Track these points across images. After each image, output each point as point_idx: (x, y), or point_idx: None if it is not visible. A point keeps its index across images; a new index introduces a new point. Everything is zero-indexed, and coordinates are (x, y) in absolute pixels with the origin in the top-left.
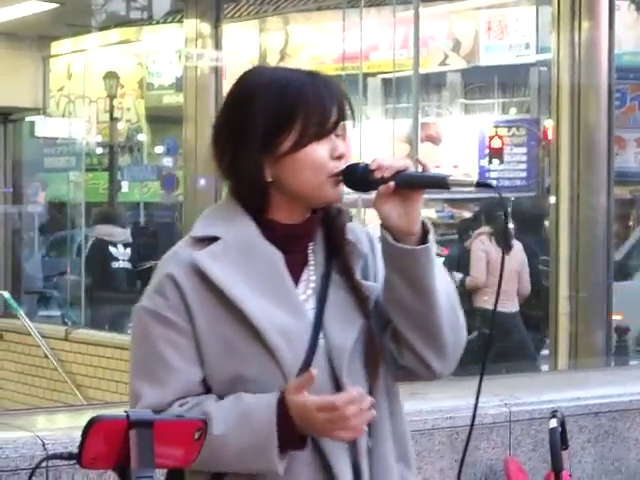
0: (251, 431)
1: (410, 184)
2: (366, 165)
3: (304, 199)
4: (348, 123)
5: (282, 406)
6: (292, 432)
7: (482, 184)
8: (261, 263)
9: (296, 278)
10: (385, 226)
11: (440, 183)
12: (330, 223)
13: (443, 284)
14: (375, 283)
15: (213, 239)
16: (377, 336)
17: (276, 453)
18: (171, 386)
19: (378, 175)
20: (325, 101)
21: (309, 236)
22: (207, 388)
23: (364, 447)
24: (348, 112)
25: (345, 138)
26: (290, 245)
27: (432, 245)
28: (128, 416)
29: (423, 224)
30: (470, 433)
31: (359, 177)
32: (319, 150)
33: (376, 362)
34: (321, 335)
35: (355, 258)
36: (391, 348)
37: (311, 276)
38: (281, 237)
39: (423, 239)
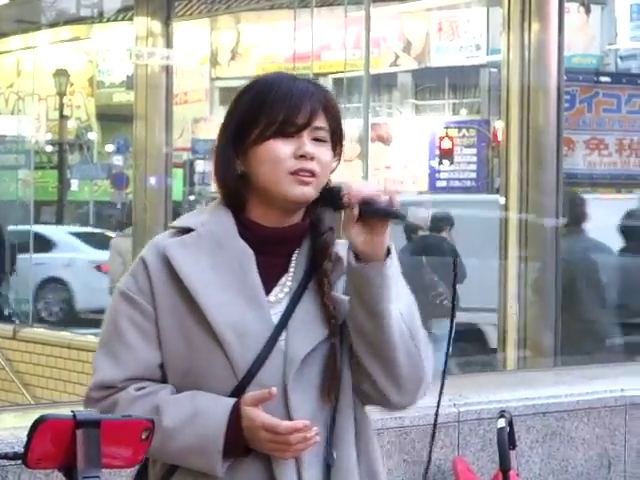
0: (199, 431)
1: (371, 214)
2: (340, 187)
3: (268, 194)
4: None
5: (235, 414)
6: (238, 441)
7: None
8: (230, 259)
9: (273, 281)
10: (352, 249)
11: (398, 217)
12: (316, 238)
13: (403, 309)
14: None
15: (187, 230)
16: (340, 356)
17: (219, 458)
18: (127, 365)
19: (346, 200)
20: (294, 98)
21: (292, 243)
22: (165, 373)
23: (315, 459)
24: (332, 123)
25: (327, 147)
26: (270, 248)
27: (387, 267)
28: (75, 416)
29: (388, 250)
30: (434, 433)
31: (332, 196)
32: (280, 146)
33: (333, 379)
34: (282, 337)
35: (337, 274)
36: (353, 371)
37: (288, 281)
38: (259, 239)
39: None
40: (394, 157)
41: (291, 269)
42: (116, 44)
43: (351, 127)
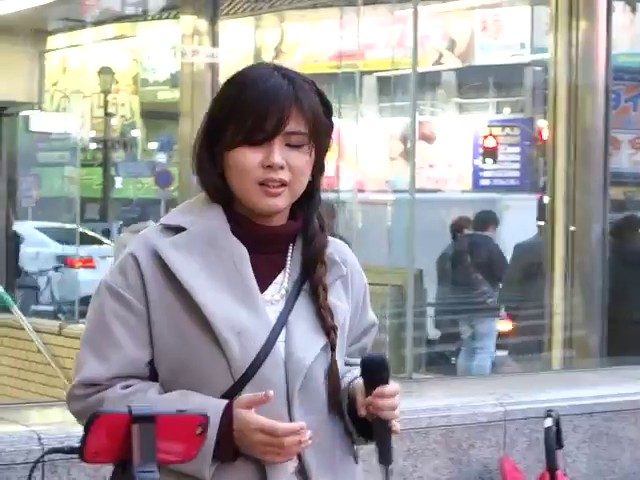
0: None
1: (374, 429)
2: (385, 369)
3: (242, 200)
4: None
5: (227, 416)
6: (229, 444)
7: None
8: (224, 258)
9: (269, 279)
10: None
11: (382, 458)
12: (308, 241)
13: None
14: (345, 306)
15: (179, 229)
16: (338, 366)
17: (209, 460)
18: (114, 362)
19: (373, 400)
20: (263, 106)
21: (286, 240)
22: (153, 371)
23: (307, 467)
24: (309, 122)
25: (304, 150)
26: (264, 246)
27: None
28: (130, 411)
29: None
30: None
31: (372, 370)
32: (248, 155)
33: (334, 386)
34: (281, 339)
35: (333, 277)
36: None
37: (284, 281)
38: (251, 236)
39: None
40: (438, 156)
41: (287, 267)
42: (160, 42)
43: (396, 126)
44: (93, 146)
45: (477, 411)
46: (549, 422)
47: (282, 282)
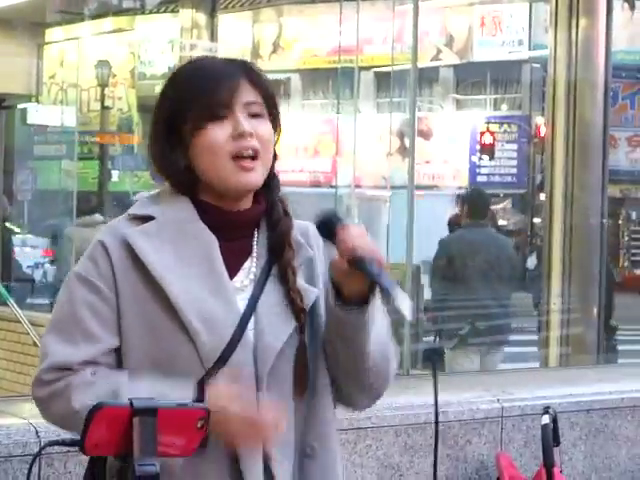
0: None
1: (362, 272)
2: (338, 220)
3: (214, 186)
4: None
5: (197, 398)
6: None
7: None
8: (194, 246)
9: (237, 266)
10: (332, 284)
11: (384, 294)
12: (273, 225)
13: (378, 336)
14: (315, 289)
15: (147, 218)
16: (307, 348)
17: None
18: (84, 348)
19: (339, 247)
20: (213, 82)
21: (251, 225)
22: (118, 360)
23: (282, 453)
24: (263, 93)
25: (265, 119)
26: (231, 232)
27: (371, 309)
28: (132, 403)
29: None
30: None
31: (327, 232)
32: (215, 131)
33: (303, 371)
34: (250, 326)
35: (299, 260)
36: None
37: (252, 267)
38: (218, 223)
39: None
40: (434, 152)
41: (254, 253)
42: (158, 36)
43: (393, 121)
44: (90, 139)
45: (474, 407)
46: (546, 419)
47: (250, 268)
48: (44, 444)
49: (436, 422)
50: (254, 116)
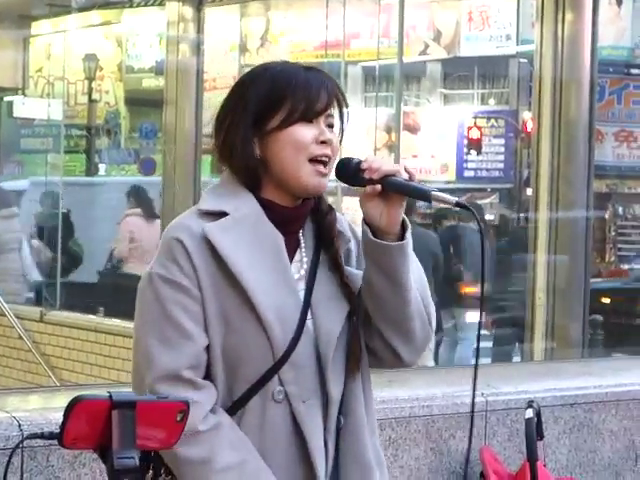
0: None
1: (395, 190)
2: (359, 162)
3: (286, 183)
4: (342, 121)
5: None
6: None
7: (461, 205)
8: (264, 242)
9: (290, 258)
10: (367, 222)
11: (423, 196)
12: (321, 218)
13: (416, 279)
14: (358, 271)
15: (221, 214)
16: (359, 326)
17: None
18: (184, 350)
19: (367, 175)
20: (313, 87)
21: (300, 221)
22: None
23: (333, 427)
24: (343, 107)
25: (335, 132)
26: (285, 227)
27: (408, 243)
28: (111, 396)
29: (403, 222)
30: (472, 420)
31: (350, 172)
32: (303, 130)
33: (357, 351)
34: (308, 316)
35: (343, 247)
36: (364, 333)
37: (303, 258)
38: (278, 218)
39: (402, 236)
40: (422, 146)
41: (302, 245)
42: (146, 29)
43: (380, 116)
44: (77, 133)
45: (458, 401)
46: (530, 413)
47: (301, 259)
48: (23, 437)
49: (472, 412)
50: (329, 127)
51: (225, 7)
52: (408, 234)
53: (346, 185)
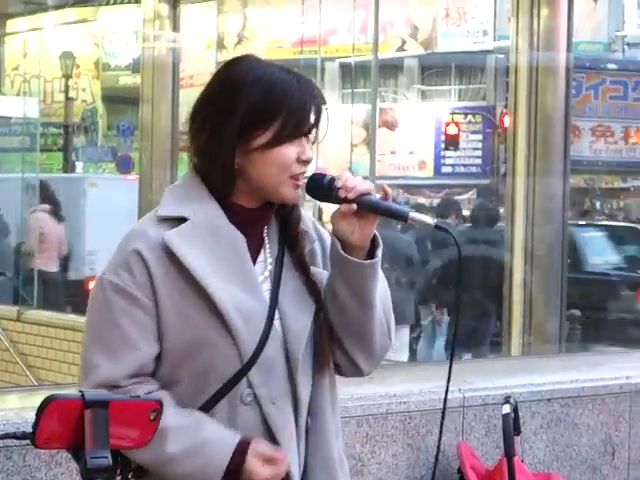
0: (200, 465)
1: (371, 210)
2: (331, 180)
3: (263, 192)
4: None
5: (238, 457)
6: (235, 476)
7: (440, 227)
8: (226, 246)
9: (253, 259)
10: (338, 238)
11: (401, 217)
12: (286, 216)
13: (381, 292)
14: (324, 270)
15: (180, 219)
16: (326, 324)
17: None
18: (127, 361)
19: (342, 194)
20: (307, 104)
21: (265, 220)
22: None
23: (303, 428)
24: (321, 116)
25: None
26: (248, 228)
27: (379, 261)
28: (83, 396)
29: (374, 239)
30: (443, 417)
31: (322, 189)
32: (290, 150)
33: (325, 350)
34: (276, 317)
35: (307, 247)
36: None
37: (268, 258)
38: (241, 220)
39: (372, 252)
40: (399, 142)
41: (267, 246)
42: (122, 27)
43: (357, 112)
44: (54, 131)
45: (436, 397)
46: (507, 408)
47: (265, 260)
48: None
49: (443, 410)
50: (310, 140)
51: (201, 4)
52: (379, 252)
53: (317, 201)
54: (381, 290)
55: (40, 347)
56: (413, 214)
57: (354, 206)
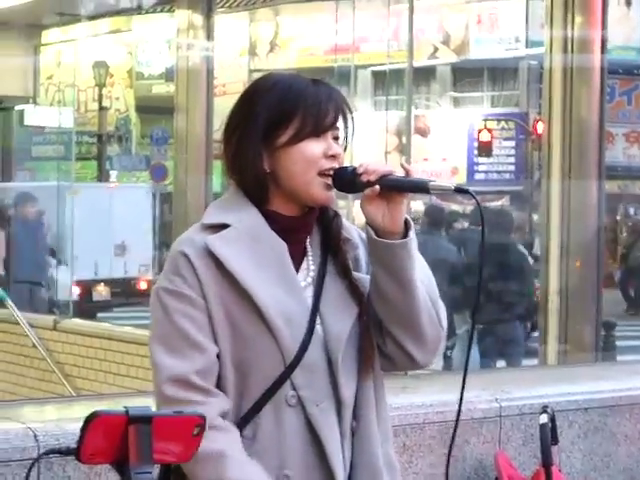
0: None
1: (394, 188)
2: (354, 169)
3: (296, 195)
4: (347, 134)
5: None
6: None
7: (460, 190)
8: (268, 251)
9: (296, 267)
10: (370, 224)
11: (421, 188)
12: (328, 224)
13: (423, 278)
14: (367, 276)
15: (224, 226)
16: (371, 327)
17: None
18: (192, 358)
19: (364, 179)
20: (322, 102)
21: (307, 229)
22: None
23: (348, 431)
24: (347, 118)
25: (340, 144)
26: (290, 236)
27: (411, 241)
28: (127, 411)
29: (406, 221)
30: (456, 427)
31: (347, 180)
32: (313, 146)
33: (369, 352)
34: (318, 321)
35: (350, 253)
36: (377, 336)
37: (310, 266)
38: (283, 228)
39: (406, 235)
40: (432, 149)
41: (309, 253)
42: (155, 36)
43: (390, 119)
44: (88, 140)
45: (472, 407)
46: (544, 418)
47: (308, 267)
48: (41, 453)
49: (457, 420)
50: (335, 138)
51: (234, 13)
52: (412, 232)
53: (346, 194)
54: (422, 275)
55: (76, 356)
56: (433, 183)
57: (377, 188)
